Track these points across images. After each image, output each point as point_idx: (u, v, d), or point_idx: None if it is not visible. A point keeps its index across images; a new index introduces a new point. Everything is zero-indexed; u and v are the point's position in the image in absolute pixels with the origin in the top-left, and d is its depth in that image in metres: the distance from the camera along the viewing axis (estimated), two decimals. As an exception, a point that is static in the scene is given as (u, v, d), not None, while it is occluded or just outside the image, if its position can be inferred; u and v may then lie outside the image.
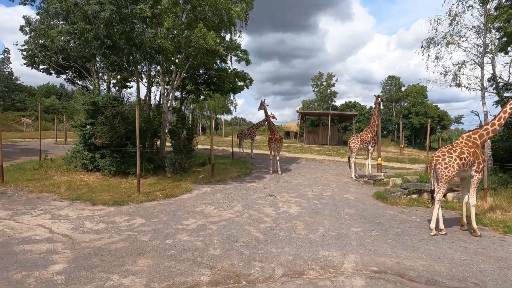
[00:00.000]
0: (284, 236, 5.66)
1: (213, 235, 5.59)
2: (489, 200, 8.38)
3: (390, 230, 6.21)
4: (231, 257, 4.64)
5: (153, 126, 11.38)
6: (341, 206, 8.03)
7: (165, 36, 7.89)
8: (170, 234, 5.52)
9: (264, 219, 6.68)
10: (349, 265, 4.50)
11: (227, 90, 15.71)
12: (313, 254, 4.87)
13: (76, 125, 11.08)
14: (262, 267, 4.35)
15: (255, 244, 5.19)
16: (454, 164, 5.72)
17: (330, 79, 44.38)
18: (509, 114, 6.19)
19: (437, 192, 5.98)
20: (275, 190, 9.66)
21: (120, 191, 8.50)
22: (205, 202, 7.95)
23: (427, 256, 4.89)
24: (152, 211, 6.93)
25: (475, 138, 6.10)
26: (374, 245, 5.34)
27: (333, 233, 5.92)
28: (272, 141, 12.79)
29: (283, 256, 4.75)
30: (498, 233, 6.22)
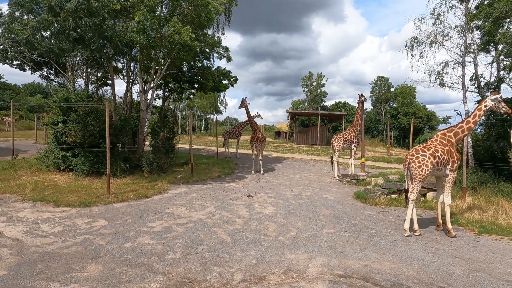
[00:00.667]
0: (252, 238, 5.40)
1: (177, 238, 5.29)
2: (468, 199, 8.29)
3: (364, 231, 6.02)
4: (190, 262, 4.35)
5: (130, 124, 10.99)
6: (318, 206, 7.82)
7: (137, 30, 7.55)
8: (131, 237, 5.21)
9: (236, 220, 6.42)
10: (314, 269, 4.27)
11: (210, 89, 15.37)
12: (279, 257, 4.62)
13: (47, 123, 10.61)
14: (220, 272, 4.08)
15: (219, 247, 4.92)
16: (427, 163, 5.56)
17: (320, 80, 44.41)
18: (484, 112, 6.07)
19: (411, 192, 5.81)
20: (254, 191, 9.40)
21: (90, 192, 8.12)
22: (177, 203, 7.64)
23: (397, 259, 4.69)
24: (118, 213, 6.59)
25: (450, 137, 5.95)
26: (345, 247, 5.13)
27: (304, 234, 5.69)
28: (254, 140, 12.54)
29: (246, 260, 4.49)
30: (474, 233, 6.09)
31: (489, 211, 7.42)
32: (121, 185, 9.17)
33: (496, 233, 6.06)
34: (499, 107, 5.98)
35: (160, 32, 8.06)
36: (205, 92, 16.02)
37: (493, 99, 5.92)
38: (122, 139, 10.75)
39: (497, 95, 5.91)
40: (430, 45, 13.42)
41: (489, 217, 7.01)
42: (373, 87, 44.63)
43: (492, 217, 7.04)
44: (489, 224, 6.53)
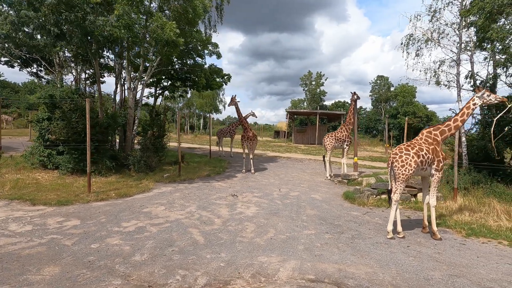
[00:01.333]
0: (227, 239, 5.19)
1: (149, 238, 5.09)
2: (459, 200, 8.05)
3: (346, 232, 5.79)
4: (155, 264, 4.15)
5: (117, 122, 10.81)
6: (303, 206, 7.60)
7: (118, 25, 7.35)
8: (100, 238, 5.01)
9: (214, 220, 6.21)
10: (285, 273, 4.05)
11: (202, 86, 15.18)
12: (250, 260, 4.41)
13: (32, 120, 10.45)
14: (184, 275, 3.87)
15: (190, 249, 4.72)
16: (411, 162, 5.32)
17: (320, 79, 44.07)
18: (472, 110, 5.82)
19: (394, 192, 5.57)
20: (240, 190, 9.19)
21: (70, 190, 7.94)
22: (158, 202, 7.44)
23: (375, 262, 4.47)
24: (94, 212, 6.40)
25: (436, 135, 5.71)
26: (322, 249, 4.91)
27: (282, 236, 5.47)
28: (244, 139, 12.31)
29: (215, 262, 4.28)
30: (461, 236, 5.85)
31: (480, 212, 7.18)
32: (104, 183, 8.99)
33: (484, 235, 5.81)
34: (492, 100, 5.71)
35: (144, 27, 7.85)
36: (198, 90, 15.83)
37: (479, 96, 5.67)
38: (110, 136, 10.56)
39: (482, 92, 5.66)
40: (426, 42, 13.15)
41: (479, 219, 6.76)
42: (373, 86, 44.19)
43: (482, 218, 6.80)
44: (478, 226, 6.28)
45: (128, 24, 7.54)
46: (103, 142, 10.21)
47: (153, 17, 7.94)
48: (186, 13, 9.33)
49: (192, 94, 44.93)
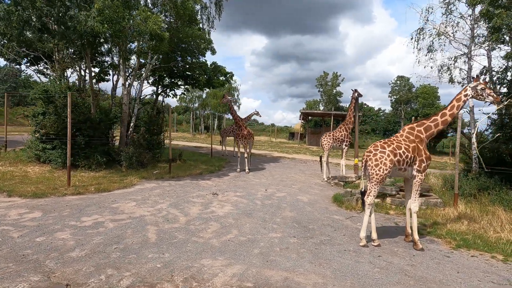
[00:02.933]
0: (181, 239, 4.87)
1: (100, 234, 4.88)
2: (460, 207, 7.21)
3: (316, 237, 5.27)
4: (88, 261, 3.90)
5: (109, 117, 10.87)
6: (283, 208, 7.12)
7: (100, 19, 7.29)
8: (51, 231, 4.87)
9: (179, 219, 5.91)
10: (222, 278, 3.65)
11: (203, 84, 15.05)
12: (192, 262, 4.05)
13: (28, 115, 10.74)
14: (110, 275, 3.58)
15: (135, 247, 4.44)
16: (386, 161, 4.72)
17: (336, 79, 42.74)
18: (463, 102, 5.11)
19: (367, 195, 5.00)
20: (225, 189, 8.85)
21: (52, 184, 7.98)
22: (133, 198, 7.27)
23: (332, 272, 3.94)
24: (62, 205, 6.32)
25: (420, 131, 5.05)
26: (279, 254, 4.44)
27: (243, 238, 5.06)
28: (239, 137, 11.97)
29: (152, 263, 3.96)
30: (449, 247, 5.13)
31: (482, 221, 6.36)
32: (90, 178, 8.99)
33: (477, 248, 5.07)
34: (484, 96, 5.00)
35: (127, 20, 7.75)
36: (199, 88, 15.72)
37: (472, 86, 4.96)
38: (100, 132, 10.62)
39: (476, 83, 4.95)
40: (438, 36, 12.15)
41: (477, 229, 5.97)
42: (393, 87, 42.08)
43: (482, 229, 6.00)
44: (473, 237, 5.52)
45: (110, 18, 7.48)
46: (95, 137, 10.25)
47: (136, 10, 7.83)
48: (175, 8, 9.17)
49: (208, 95, 45.30)
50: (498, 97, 5.04)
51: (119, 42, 8.70)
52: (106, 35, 7.72)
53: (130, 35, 8.11)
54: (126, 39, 8.63)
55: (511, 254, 4.80)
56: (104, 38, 7.89)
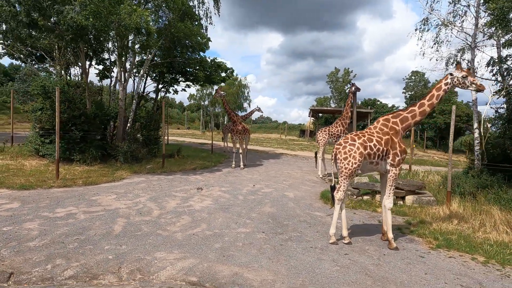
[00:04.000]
0: (145, 231, 4.82)
1: (67, 225, 4.91)
2: (454, 206, 6.77)
3: (286, 234, 5.08)
4: (43, 251, 3.92)
5: (105, 113, 11.04)
6: (264, 204, 6.95)
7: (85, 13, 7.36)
8: (20, 221, 4.95)
9: (153, 212, 5.88)
10: (169, 272, 3.56)
11: (203, 80, 15.04)
12: (146, 255, 3.98)
13: (27, 110, 11.09)
14: (57, 265, 3.57)
15: (96, 239, 4.43)
16: (355, 154, 4.46)
17: (347, 75, 41.68)
18: (444, 92, 4.75)
19: (337, 190, 4.75)
20: (211, 184, 8.77)
21: (42, 176, 8.18)
22: (116, 191, 7.33)
23: (287, 269, 3.76)
24: (43, 197, 6.45)
25: (395, 123, 4.73)
26: (240, 250, 4.30)
27: (209, 232, 4.95)
28: (234, 133, 11.86)
29: (105, 254, 3.93)
30: (428, 247, 4.81)
31: (473, 221, 5.94)
32: (82, 171, 9.17)
33: (458, 248, 4.72)
34: (466, 84, 4.63)
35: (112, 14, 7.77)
36: (199, 84, 15.73)
37: (453, 75, 4.60)
38: (105, 127, 10.80)
39: (458, 71, 4.58)
40: (444, 26, 11.50)
41: (466, 229, 5.59)
42: (407, 83, 40.50)
43: (471, 228, 5.60)
44: (459, 237, 5.16)
45: (95, 13, 7.53)
46: (90, 132, 10.44)
47: (122, 4, 7.85)
48: (165, 2, 9.14)
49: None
50: (482, 85, 4.64)
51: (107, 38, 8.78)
52: (92, 30, 7.77)
53: (116, 29, 8.14)
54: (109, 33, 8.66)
55: (494, 256, 4.42)
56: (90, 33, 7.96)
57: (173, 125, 51.02)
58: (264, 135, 42.29)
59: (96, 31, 7.93)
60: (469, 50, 10.27)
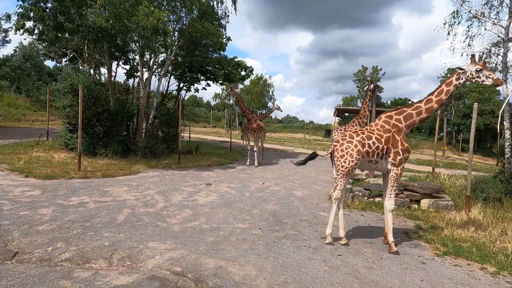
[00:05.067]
0: (146, 222, 5.02)
1: (77, 212, 5.26)
2: (474, 211, 6.26)
3: (283, 231, 5.02)
4: (49, 235, 4.23)
5: (126, 110, 11.61)
6: (269, 201, 6.92)
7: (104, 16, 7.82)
8: (37, 207, 5.37)
9: (158, 204, 6.10)
10: (157, 261, 3.68)
11: (223, 79, 15.27)
12: (140, 243, 4.15)
13: (58, 107, 11.96)
14: (57, 248, 3.84)
15: (99, 226, 4.69)
16: (353, 152, 4.29)
17: (376, 73, 39.94)
18: (454, 87, 4.43)
19: (334, 188, 4.59)
20: (223, 180, 8.90)
21: (66, 168, 8.80)
22: (129, 183, 7.70)
23: (273, 266, 3.72)
24: (63, 186, 6.94)
25: (398, 120, 4.47)
26: (231, 244, 4.33)
27: (206, 226, 5.04)
28: (248, 131, 11.92)
29: (102, 241, 4.15)
30: (433, 253, 4.50)
31: (493, 229, 5.45)
32: (103, 164, 9.72)
33: (468, 257, 4.36)
34: (481, 78, 4.27)
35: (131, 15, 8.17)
36: (218, 82, 16.00)
37: (466, 69, 4.26)
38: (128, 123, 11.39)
39: (472, 65, 4.24)
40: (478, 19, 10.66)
41: (482, 237, 5.14)
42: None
43: (487, 237, 5.14)
44: (472, 245, 4.77)
45: (115, 14, 7.96)
46: (112, 127, 11.05)
47: (140, 5, 8.21)
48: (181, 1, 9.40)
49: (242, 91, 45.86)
50: (499, 79, 4.25)
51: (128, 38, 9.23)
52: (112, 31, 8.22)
53: (134, 30, 8.54)
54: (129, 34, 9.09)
55: (507, 267, 4.03)
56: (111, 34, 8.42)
57: (200, 123, 52.34)
58: (289, 135, 42.00)
59: (116, 32, 8.38)
60: (503, 43, 9.42)
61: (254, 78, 45.43)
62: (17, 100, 32.87)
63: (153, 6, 8.49)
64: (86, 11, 7.70)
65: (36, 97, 34.62)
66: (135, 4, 8.12)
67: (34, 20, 8.25)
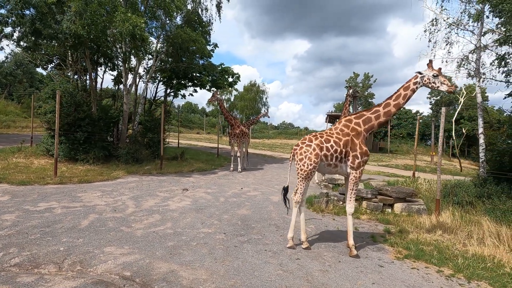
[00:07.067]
0: (109, 227, 4.98)
1: (41, 218, 5.20)
2: (444, 215, 6.30)
3: (247, 236, 5.01)
4: (4, 240, 4.17)
5: (108, 115, 11.59)
6: (243, 206, 6.90)
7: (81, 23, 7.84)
8: (1, 213, 5.31)
9: (128, 210, 6.06)
10: (109, 265, 3.64)
11: (209, 85, 15.36)
12: (96, 248, 4.10)
13: (40, 113, 11.92)
14: (9, 253, 3.79)
15: (59, 231, 4.64)
16: (311, 156, 4.32)
17: (367, 80, 40.42)
18: (412, 92, 4.49)
19: (294, 192, 4.61)
20: (201, 185, 8.87)
21: (42, 174, 8.73)
22: (103, 189, 7.64)
23: (225, 270, 3.70)
24: (34, 192, 6.87)
25: (357, 124, 4.52)
26: (190, 249, 4.30)
27: (170, 231, 5.00)
28: (231, 136, 11.94)
29: (58, 246, 4.10)
30: (394, 257, 4.50)
31: (460, 232, 5.49)
32: (82, 170, 9.66)
33: (428, 260, 4.37)
34: (436, 84, 4.35)
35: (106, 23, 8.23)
36: (205, 89, 16.07)
37: (423, 74, 4.35)
38: (100, 128, 11.35)
39: (429, 70, 4.34)
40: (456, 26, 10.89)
41: (446, 240, 5.17)
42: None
43: (452, 240, 5.17)
44: (434, 248, 4.79)
45: (92, 21, 8.01)
46: (94, 133, 11.01)
47: (116, 12, 8.27)
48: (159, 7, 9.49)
49: (235, 98, 46.08)
50: (453, 86, 4.33)
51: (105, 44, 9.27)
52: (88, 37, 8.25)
53: (112, 36, 8.60)
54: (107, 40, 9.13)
55: (463, 270, 4.04)
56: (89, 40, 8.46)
57: (195, 129, 52.26)
58: (283, 141, 42.06)
59: (94, 38, 8.43)
60: (478, 51, 9.63)
61: (247, 85, 45.70)
62: (8, 107, 32.69)
63: (131, 13, 8.56)
64: (62, 17, 7.74)
65: (27, 104, 34.44)
66: (112, 11, 8.18)
67: (12, 26, 8.28)
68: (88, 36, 7.98)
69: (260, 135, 43.95)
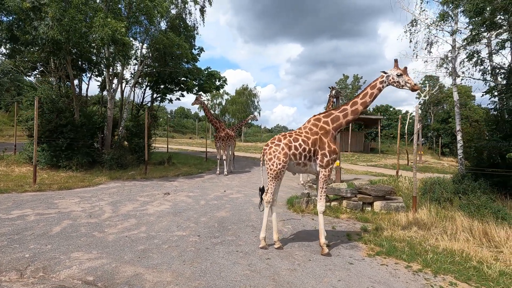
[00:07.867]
0: (82, 233, 4.91)
1: (12, 225, 5.10)
2: (421, 212, 6.36)
3: (221, 237, 4.98)
4: (-32, 249, 4.09)
5: (91, 121, 11.50)
6: (222, 208, 6.88)
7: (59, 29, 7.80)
8: (-30, 221, 5.21)
9: (104, 215, 5.98)
10: (72, 271, 3.59)
11: (196, 89, 15.36)
12: (63, 254, 4.04)
13: (21, 120, 11.77)
14: (-30, 262, 3.70)
15: (28, 238, 4.56)
16: (279, 155, 4.34)
17: (357, 81, 40.92)
18: (378, 90, 4.56)
19: (265, 192, 4.62)
20: (184, 189, 8.82)
21: (21, 182, 8.58)
22: (83, 195, 7.55)
23: (192, 272, 3.67)
24: (10, 200, 6.76)
25: (326, 123, 4.57)
26: (160, 252, 4.26)
27: (143, 235, 4.96)
28: (217, 139, 11.93)
29: (24, 253, 4.03)
30: (366, 254, 4.53)
31: (434, 228, 5.55)
32: (64, 177, 9.53)
33: (398, 256, 4.41)
34: (400, 83, 4.43)
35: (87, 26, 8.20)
36: (192, 93, 16.06)
37: (388, 73, 4.43)
38: (98, 134, 11.25)
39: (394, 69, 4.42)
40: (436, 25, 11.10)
41: (420, 236, 5.21)
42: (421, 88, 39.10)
43: (426, 235, 5.23)
44: (407, 244, 4.83)
45: (70, 26, 7.97)
46: (77, 139, 10.89)
47: (96, 16, 8.25)
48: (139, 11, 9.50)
49: (227, 102, 46.13)
50: (416, 85, 4.41)
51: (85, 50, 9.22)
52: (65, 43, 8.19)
53: (93, 41, 8.57)
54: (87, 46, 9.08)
55: (431, 265, 4.08)
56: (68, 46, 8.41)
57: (187, 134, 52.04)
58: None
59: (73, 44, 8.38)
60: (453, 50, 9.84)
61: (239, 89, 45.80)
62: (-5, 115, 32.18)
63: (111, 18, 8.55)
64: (40, 23, 7.69)
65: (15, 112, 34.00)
66: (93, 16, 8.16)
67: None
68: (67, 41, 7.93)
69: (254, 138, 43.95)
